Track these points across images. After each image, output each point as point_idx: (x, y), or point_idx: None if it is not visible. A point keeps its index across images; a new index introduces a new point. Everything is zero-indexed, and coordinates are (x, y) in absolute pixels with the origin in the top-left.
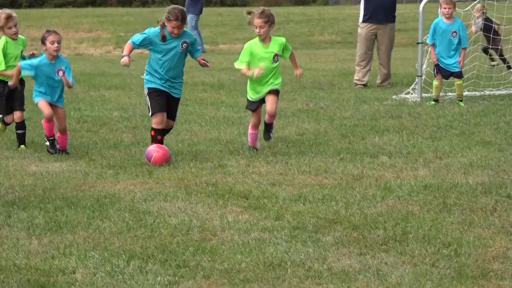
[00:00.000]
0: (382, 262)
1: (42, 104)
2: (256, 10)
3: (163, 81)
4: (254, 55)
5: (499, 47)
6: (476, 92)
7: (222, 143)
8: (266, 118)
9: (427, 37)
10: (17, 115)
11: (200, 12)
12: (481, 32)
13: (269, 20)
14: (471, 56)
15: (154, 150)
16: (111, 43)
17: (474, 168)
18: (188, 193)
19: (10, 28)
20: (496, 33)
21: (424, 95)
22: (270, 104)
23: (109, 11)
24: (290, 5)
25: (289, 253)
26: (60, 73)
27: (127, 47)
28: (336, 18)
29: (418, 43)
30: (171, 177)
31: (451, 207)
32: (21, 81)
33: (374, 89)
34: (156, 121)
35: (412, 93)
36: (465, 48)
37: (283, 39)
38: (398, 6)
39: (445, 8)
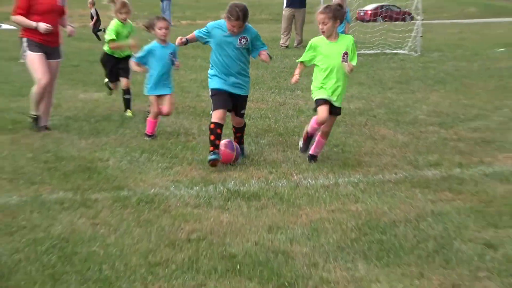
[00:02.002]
0: (297, 156)
1: (153, 99)
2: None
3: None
4: (319, 52)
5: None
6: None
7: (198, 81)
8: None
9: None
10: (123, 82)
11: None
12: None
13: (334, 16)
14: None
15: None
16: None
17: (353, 99)
18: (177, 113)
19: (121, 13)
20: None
21: None
22: (326, 127)
23: None
24: None
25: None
26: (171, 56)
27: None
28: (270, 4)
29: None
30: None
31: (340, 123)
32: (128, 56)
33: (292, 49)
34: (215, 117)
35: None
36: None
37: (351, 38)
38: None
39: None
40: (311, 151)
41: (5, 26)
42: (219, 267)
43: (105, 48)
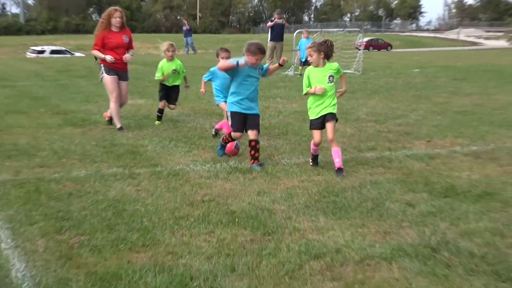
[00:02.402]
0: (278, 143)
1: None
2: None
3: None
4: (311, 78)
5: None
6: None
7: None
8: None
9: (296, 47)
10: (171, 106)
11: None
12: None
13: (318, 49)
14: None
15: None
16: None
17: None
18: (195, 113)
19: (168, 51)
20: None
21: (295, 72)
22: (330, 135)
23: None
24: (238, 33)
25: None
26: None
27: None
28: (259, 39)
29: (292, 50)
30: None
31: (307, 120)
32: (177, 86)
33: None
34: (235, 136)
35: (290, 71)
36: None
37: (336, 64)
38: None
39: (304, 34)
40: (336, 166)
41: (77, 54)
42: (223, 219)
43: (156, 78)
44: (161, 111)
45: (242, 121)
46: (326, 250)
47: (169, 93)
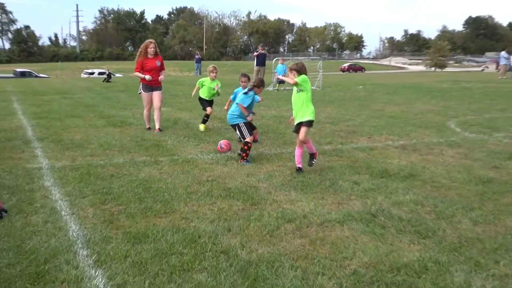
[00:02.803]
0: (261, 139)
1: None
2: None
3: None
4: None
5: None
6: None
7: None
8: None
9: (274, 71)
10: (208, 110)
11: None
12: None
13: (290, 68)
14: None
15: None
16: None
17: (289, 112)
18: (202, 117)
19: (212, 72)
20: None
21: (274, 88)
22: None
23: None
24: (233, 60)
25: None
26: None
27: (242, 108)
28: (247, 65)
29: (272, 72)
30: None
31: (283, 122)
32: (212, 100)
33: None
34: (251, 139)
35: (270, 88)
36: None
37: (302, 76)
38: (267, 62)
39: (280, 61)
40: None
41: (118, 74)
42: (222, 194)
43: (200, 95)
44: (207, 116)
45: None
46: (296, 216)
47: (208, 103)
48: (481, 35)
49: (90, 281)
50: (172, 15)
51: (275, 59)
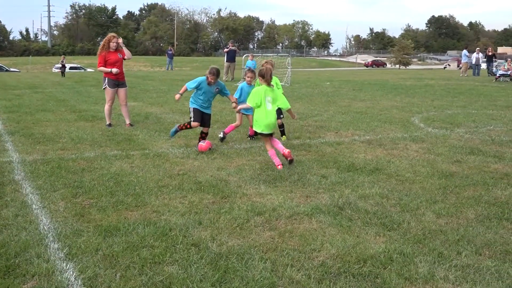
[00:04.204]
0: (231, 134)
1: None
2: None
3: (201, 104)
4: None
5: None
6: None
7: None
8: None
9: (244, 66)
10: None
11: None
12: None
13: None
14: None
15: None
16: None
17: None
18: (173, 112)
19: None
20: None
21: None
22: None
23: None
24: (203, 56)
25: None
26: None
27: (182, 88)
28: (217, 61)
29: (242, 68)
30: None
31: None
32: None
33: (229, 82)
34: (194, 125)
35: (239, 84)
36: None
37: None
38: (237, 58)
39: (250, 57)
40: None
41: (89, 69)
42: (193, 187)
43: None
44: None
45: (201, 115)
46: (266, 209)
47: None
48: (443, 34)
49: (61, 274)
50: (144, 11)
51: (245, 55)
